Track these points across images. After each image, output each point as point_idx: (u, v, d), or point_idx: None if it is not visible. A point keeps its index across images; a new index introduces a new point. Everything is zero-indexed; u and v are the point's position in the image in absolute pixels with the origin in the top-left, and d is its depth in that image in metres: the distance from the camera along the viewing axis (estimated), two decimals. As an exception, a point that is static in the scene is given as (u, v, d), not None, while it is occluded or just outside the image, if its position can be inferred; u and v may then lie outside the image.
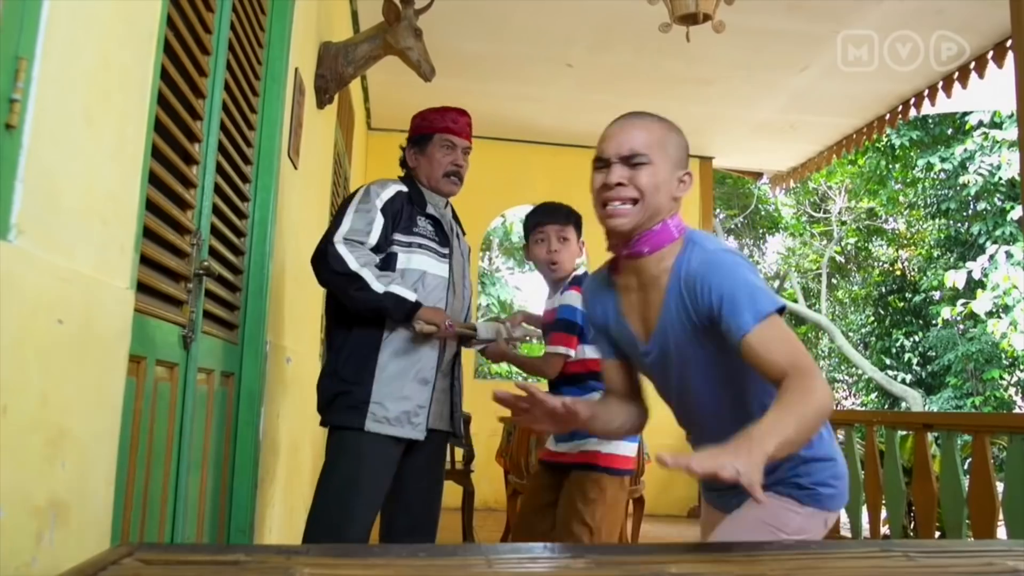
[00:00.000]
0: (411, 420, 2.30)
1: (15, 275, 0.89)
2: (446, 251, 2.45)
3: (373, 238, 2.28)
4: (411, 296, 2.26)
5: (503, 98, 5.26)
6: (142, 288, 1.40)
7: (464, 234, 2.64)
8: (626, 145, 1.46)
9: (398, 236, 2.35)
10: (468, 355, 4.94)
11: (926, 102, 4.88)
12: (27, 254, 0.92)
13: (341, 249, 2.23)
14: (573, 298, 2.60)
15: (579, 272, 2.74)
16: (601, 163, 1.49)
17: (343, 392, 2.28)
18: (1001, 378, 11.92)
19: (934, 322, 12.98)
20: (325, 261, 2.23)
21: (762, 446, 1.11)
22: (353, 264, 2.21)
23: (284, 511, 2.90)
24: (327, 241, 2.25)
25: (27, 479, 0.94)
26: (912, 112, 5.10)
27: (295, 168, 2.78)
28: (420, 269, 2.37)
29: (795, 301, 14.38)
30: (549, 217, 2.73)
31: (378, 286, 2.21)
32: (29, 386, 0.93)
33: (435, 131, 2.51)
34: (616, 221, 1.46)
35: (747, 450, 1.10)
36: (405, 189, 2.42)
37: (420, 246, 2.38)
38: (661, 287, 1.44)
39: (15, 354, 0.89)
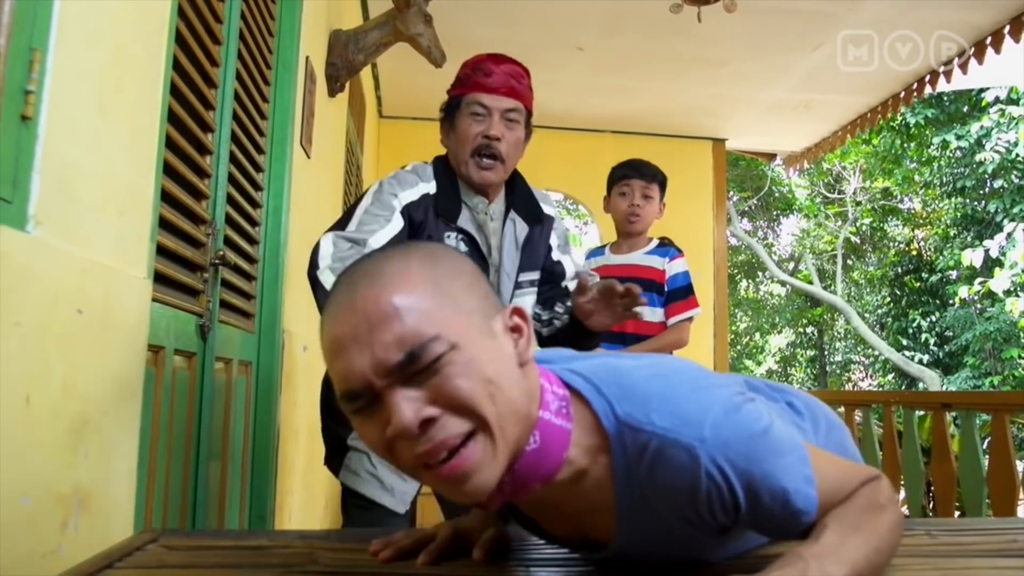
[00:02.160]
0: (389, 486, 1.74)
1: (34, 266, 0.90)
2: None
3: (380, 239, 1.66)
4: None
5: (514, 83, 5.22)
6: (159, 278, 1.41)
7: (542, 221, 1.93)
8: None
9: None
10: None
11: (941, 79, 4.82)
12: (45, 245, 0.93)
13: (324, 244, 1.66)
14: (681, 264, 2.73)
15: (656, 241, 2.82)
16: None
17: (324, 424, 1.89)
18: (1020, 357, 11.83)
19: (951, 302, 12.91)
20: (310, 259, 1.67)
21: (825, 570, 0.74)
22: (323, 260, 1.62)
23: (304, 499, 2.92)
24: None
25: (51, 468, 0.95)
26: (927, 90, 5.04)
27: (308, 157, 2.79)
28: None
29: (810, 283, 14.32)
30: (636, 172, 2.77)
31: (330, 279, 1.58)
32: (51, 376, 0.94)
33: (464, 92, 1.84)
34: None
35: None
36: (433, 190, 1.80)
37: None
38: (602, 501, 0.84)
39: (36, 344, 0.90)
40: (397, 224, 1.70)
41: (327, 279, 1.59)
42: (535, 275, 1.92)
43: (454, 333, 0.74)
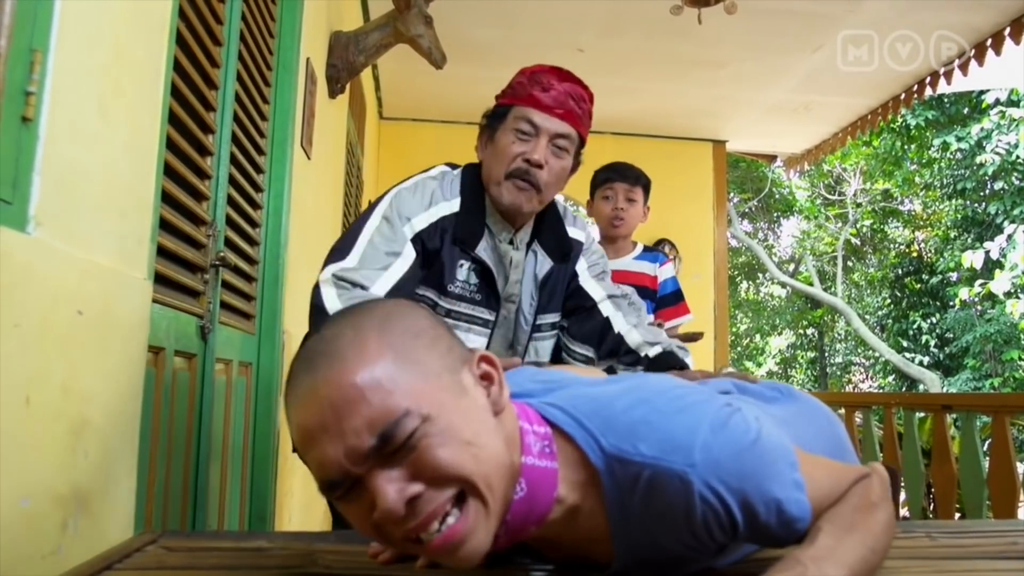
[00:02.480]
0: None
1: (35, 267, 0.90)
2: (490, 317, 1.58)
3: (383, 286, 1.42)
4: None
5: (514, 85, 5.22)
6: (159, 279, 1.40)
7: (568, 259, 1.69)
8: None
9: (422, 294, 1.54)
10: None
11: (941, 81, 4.82)
12: (46, 246, 0.93)
13: (325, 291, 1.42)
14: (670, 269, 2.75)
15: (641, 246, 2.80)
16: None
17: None
18: (1020, 359, 11.83)
19: (951, 303, 12.91)
20: (311, 303, 1.44)
21: (823, 573, 0.74)
22: (331, 304, 1.39)
23: (304, 500, 2.92)
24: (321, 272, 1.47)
25: (51, 469, 0.94)
26: (927, 91, 5.04)
27: (308, 158, 2.79)
28: None
29: (810, 284, 14.32)
30: (619, 176, 2.71)
31: None
32: (51, 377, 0.94)
33: (513, 103, 1.60)
34: None
35: None
36: (454, 209, 1.56)
37: (452, 314, 1.55)
38: (597, 531, 0.84)
39: (37, 345, 0.90)
40: (407, 259, 1.47)
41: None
42: (555, 317, 1.68)
43: (425, 403, 0.71)
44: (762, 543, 0.84)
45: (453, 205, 1.56)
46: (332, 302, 1.38)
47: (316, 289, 1.43)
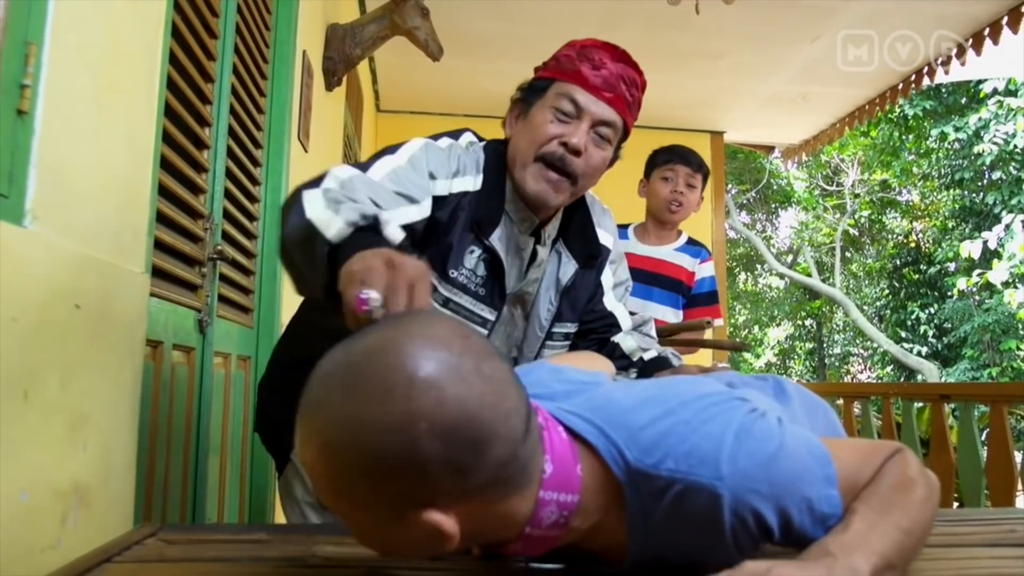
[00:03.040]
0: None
1: (32, 261, 0.90)
2: (491, 316, 1.37)
3: (396, 220, 1.10)
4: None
5: (514, 77, 5.16)
6: (157, 273, 1.40)
7: (595, 263, 1.52)
8: None
9: None
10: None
11: (939, 71, 4.81)
12: (43, 239, 0.92)
13: (328, 182, 1.10)
14: (710, 268, 2.63)
15: (686, 236, 2.71)
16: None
17: (262, 411, 1.57)
18: (1018, 349, 11.84)
19: (949, 294, 12.93)
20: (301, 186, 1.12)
21: (852, 565, 0.71)
22: (328, 182, 1.10)
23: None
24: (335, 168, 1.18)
25: (50, 463, 0.95)
26: (925, 81, 5.03)
27: (305, 151, 2.78)
28: None
29: (809, 275, 14.33)
30: (681, 159, 2.62)
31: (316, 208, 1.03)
32: (49, 371, 0.94)
33: (556, 77, 1.40)
34: None
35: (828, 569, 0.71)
36: (476, 187, 1.36)
37: (450, 305, 1.33)
38: (614, 543, 0.83)
39: (34, 340, 0.90)
40: (423, 210, 1.25)
41: (313, 203, 1.03)
42: (571, 327, 1.50)
43: (344, 510, 0.73)
44: (795, 545, 0.79)
45: (476, 182, 1.36)
46: (330, 187, 1.08)
47: (320, 178, 1.12)
